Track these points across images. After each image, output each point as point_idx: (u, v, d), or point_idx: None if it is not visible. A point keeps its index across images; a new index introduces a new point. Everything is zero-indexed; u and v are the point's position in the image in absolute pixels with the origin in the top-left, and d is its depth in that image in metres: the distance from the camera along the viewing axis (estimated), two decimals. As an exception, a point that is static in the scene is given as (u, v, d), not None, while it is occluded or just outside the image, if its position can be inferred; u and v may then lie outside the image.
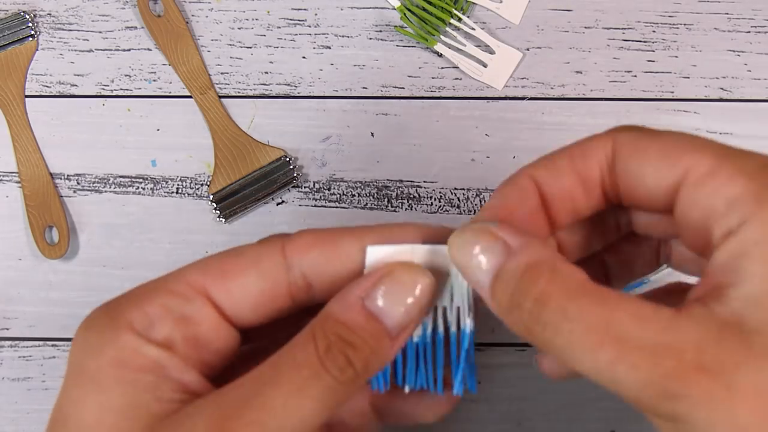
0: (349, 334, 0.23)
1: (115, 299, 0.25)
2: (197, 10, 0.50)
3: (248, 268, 0.25)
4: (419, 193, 0.48)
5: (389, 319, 0.24)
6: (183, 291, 0.25)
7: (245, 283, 0.25)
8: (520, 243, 0.23)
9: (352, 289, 0.24)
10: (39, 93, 0.49)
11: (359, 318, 0.24)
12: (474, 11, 0.49)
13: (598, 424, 0.45)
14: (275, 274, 0.25)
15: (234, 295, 0.25)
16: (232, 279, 0.25)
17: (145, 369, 0.23)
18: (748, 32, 0.49)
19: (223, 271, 0.25)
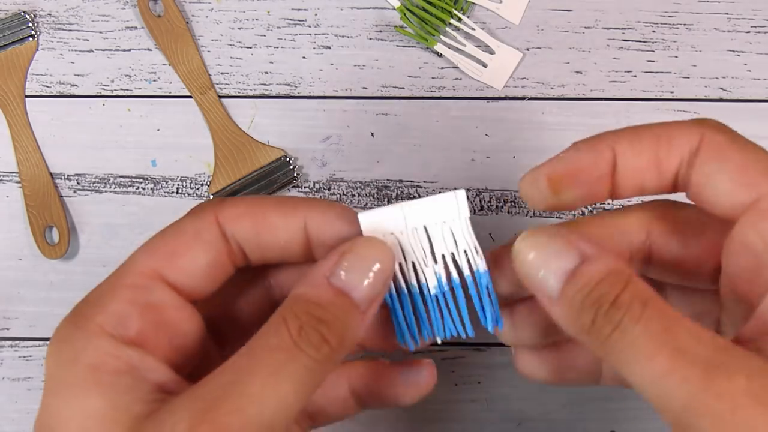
0: (319, 311, 0.24)
1: (77, 306, 0.25)
2: (197, 10, 0.50)
3: (192, 243, 0.26)
4: (419, 193, 0.48)
5: (356, 292, 0.25)
6: (140, 281, 0.25)
7: (193, 259, 0.26)
8: (595, 251, 0.24)
9: (318, 269, 0.25)
10: (39, 93, 0.49)
11: (327, 294, 0.24)
12: (474, 11, 0.49)
13: (598, 424, 0.45)
14: (216, 245, 0.26)
15: (186, 272, 0.26)
16: (180, 257, 0.26)
17: (120, 371, 0.23)
18: (748, 32, 0.49)
19: (171, 252, 0.26)
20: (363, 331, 0.25)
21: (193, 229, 0.26)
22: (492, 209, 0.47)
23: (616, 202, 0.47)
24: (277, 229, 0.27)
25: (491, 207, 0.47)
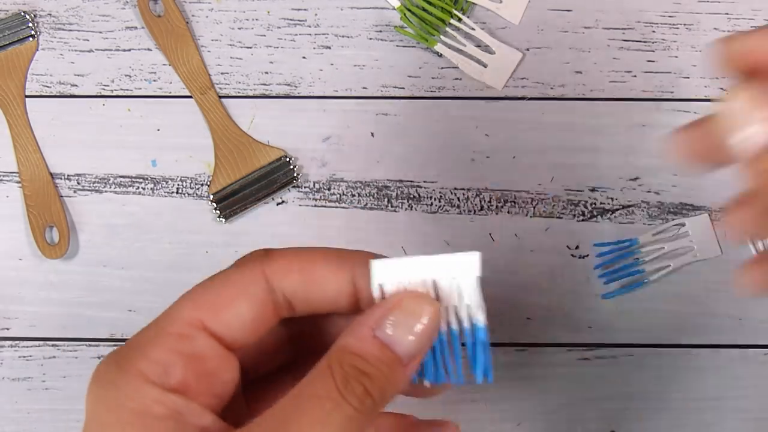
0: (364, 364, 0.24)
1: (120, 350, 0.26)
2: (197, 10, 0.50)
3: (238, 296, 0.26)
4: (419, 193, 0.48)
5: (400, 347, 0.25)
6: (184, 331, 0.26)
7: (238, 312, 0.26)
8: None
9: (364, 321, 0.25)
10: (39, 93, 0.49)
11: (372, 348, 0.25)
12: (474, 11, 0.49)
13: (598, 424, 0.45)
14: (262, 298, 0.26)
15: (230, 324, 0.26)
16: (225, 310, 0.26)
17: (165, 417, 0.24)
18: (748, 32, 0.49)
19: (216, 303, 0.26)
20: (404, 384, 0.26)
21: (239, 281, 0.27)
22: (492, 209, 0.47)
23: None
24: (325, 283, 0.27)
25: (491, 207, 0.47)
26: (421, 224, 0.47)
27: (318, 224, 0.47)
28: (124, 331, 0.47)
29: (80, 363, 0.47)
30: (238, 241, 0.47)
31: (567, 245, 0.47)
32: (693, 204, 0.47)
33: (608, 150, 0.48)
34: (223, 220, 0.47)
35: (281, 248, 0.27)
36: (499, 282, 0.47)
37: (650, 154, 0.47)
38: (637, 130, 0.48)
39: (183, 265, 0.47)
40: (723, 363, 0.46)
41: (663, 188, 0.47)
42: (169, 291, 0.48)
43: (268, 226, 0.48)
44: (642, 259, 0.46)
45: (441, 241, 0.47)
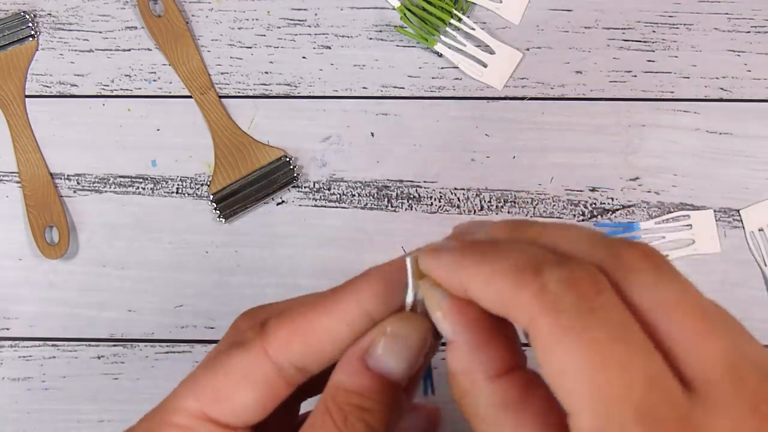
0: (361, 400, 0.24)
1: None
2: (197, 10, 0.50)
3: (241, 386, 0.25)
4: (419, 193, 0.48)
5: (396, 373, 0.24)
6: (187, 423, 0.25)
7: (242, 400, 0.25)
8: (464, 339, 0.23)
9: (352, 352, 0.24)
10: (39, 93, 0.49)
11: (367, 381, 0.24)
12: (474, 11, 0.49)
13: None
14: (269, 380, 0.25)
15: (235, 412, 0.25)
16: (228, 400, 0.25)
17: None
18: (748, 32, 0.49)
19: (218, 393, 0.25)
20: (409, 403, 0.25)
21: (240, 368, 0.25)
22: (492, 209, 0.47)
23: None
24: (333, 332, 0.25)
25: (491, 207, 0.47)
26: (421, 224, 0.47)
27: (318, 224, 0.47)
28: (123, 331, 0.47)
29: (80, 363, 0.47)
30: (238, 241, 0.47)
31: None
32: (693, 204, 0.47)
33: (608, 150, 0.48)
34: (223, 220, 0.47)
35: (276, 317, 0.26)
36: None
37: (650, 154, 0.47)
38: (637, 130, 0.48)
39: (183, 265, 0.47)
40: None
41: (663, 188, 0.47)
42: (169, 291, 0.49)
43: (268, 226, 0.48)
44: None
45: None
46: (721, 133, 0.48)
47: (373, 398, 0.24)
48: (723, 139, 0.48)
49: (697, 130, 0.48)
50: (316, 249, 0.47)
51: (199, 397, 0.25)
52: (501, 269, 0.21)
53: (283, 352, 0.25)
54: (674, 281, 0.20)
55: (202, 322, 0.47)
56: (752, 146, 0.48)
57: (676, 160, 0.47)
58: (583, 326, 0.19)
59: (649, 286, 0.20)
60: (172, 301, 0.47)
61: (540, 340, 0.20)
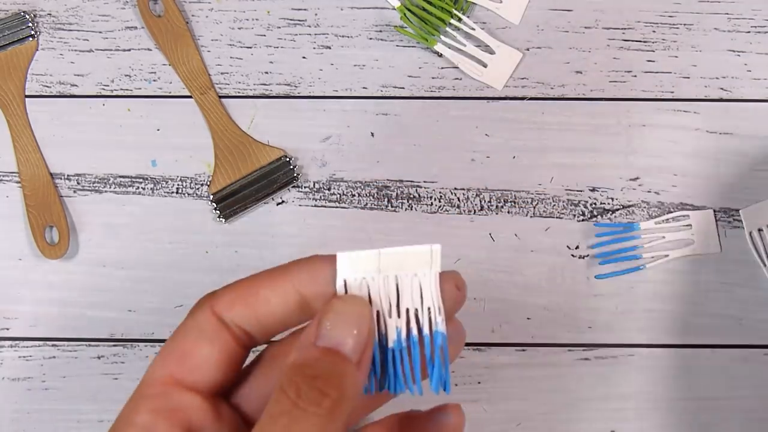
0: (312, 369, 0.25)
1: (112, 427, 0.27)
2: (197, 10, 0.50)
3: (197, 342, 0.27)
4: (419, 193, 0.48)
5: (345, 347, 0.25)
6: (159, 390, 0.27)
7: (202, 356, 0.27)
8: None
9: (304, 336, 0.26)
10: (39, 93, 0.49)
11: (316, 353, 0.25)
12: (474, 11, 0.49)
13: (598, 424, 0.45)
14: (219, 336, 0.27)
15: (198, 370, 0.27)
16: (189, 358, 0.27)
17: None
18: (748, 32, 0.49)
19: (179, 355, 0.27)
20: (362, 381, 0.26)
21: (194, 327, 0.27)
22: (492, 209, 0.47)
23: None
24: (270, 303, 0.27)
25: (491, 207, 0.47)
26: (421, 224, 0.47)
27: (318, 224, 0.47)
28: (123, 331, 0.47)
29: (80, 363, 0.47)
30: (238, 241, 0.47)
31: (567, 245, 0.47)
32: (693, 204, 0.47)
33: (608, 150, 0.48)
34: (223, 220, 0.47)
35: (227, 285, 0.28)
36: (499, 282, 0.47)
37: (650, 154, 0.48)
38: (637, 130, 0.48)
39: (183, 265, 0.47)
40: (723, 363, 0.46)
41: (663, 188, 0.47)
42: (169, 291, 0.49)
43: (268, 226, 0.48)
44: (641, 245, 0.46)
45: (441, 241, 0.47)
46: (721, 133, 0.48)
47: (324, 366, 0.25)
48: (723, 139, 0.48)
49: (697, 130, 0.48)
50: (316, 249, 0.47)
51: (165, 363, 0.27)
52: None
53: (227, 312, 0.27)
54: None
55: (202, 322, 0.47)
56: (752, 146, 0.48)
57: (676, 160, 0.47)
58: None
59: None
60: (172, 301, 0.47)
61: None
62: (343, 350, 0.25)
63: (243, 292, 0.27)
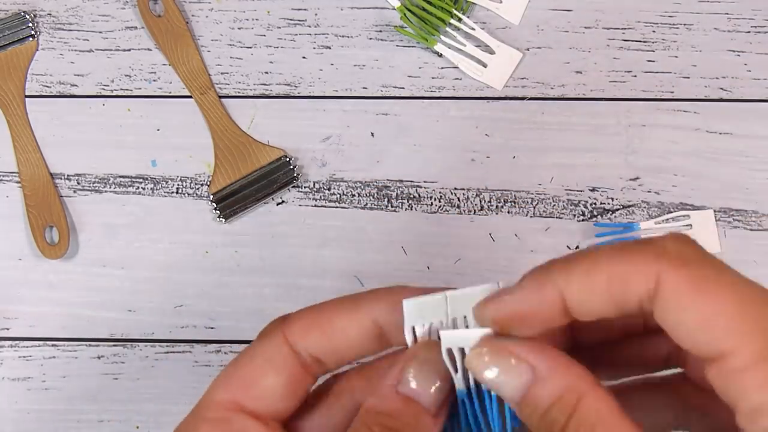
0: (390, 420, 0.24)
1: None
2: (197, 10, 0.50)
3: (264, 369, 0.27)
4: (419, 193, 0.48)
5: (425, 398, 0.25)
6: (220, 415, 0.26)
7: (268, 385, 0.26)
8: (547, 366, 0.23)
9: (384, 380, 0.25)
10: (39, 93, 0.49)
11: (396, 404, 0.25)
12: (474, 11, 0.49)
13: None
14: (289, 365, 0.27)
15: (263, 398, 0.26)
16: (255, 386, 0.26)
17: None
18: (748, 32, 0.49)
19: (245, 381, 0.27)
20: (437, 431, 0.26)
21: (263, 354, 0.27)
22: (492, 209, 0.47)
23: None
24: (346, 333, 0.27)
25: (491, 207, 0.47)
26: (421, 224, 0.47)
27: (318, 224, 0.47)
28: (123, 331, 0.47)
29: (80, 363, 0.47)
30: (238, 241, 0.47)
31: (567, 245, 0.47)
32: (693, 204, 0.47)
33: (608, 150, 0.48)
34: (223, 220, 0.47)
35: (299, 310, 0.27)
36: (499, 282, 0.47)
37: (650, 154, 0.47)
38: (637, 130, 0.48)
39: (183, 265, 0.47)
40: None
41: (663, 188, 0.47)
42: (169, 291, 0.49)
43: (268, 226, 0.48)
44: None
45: (441, 241, 0.47)
46: (721, 133, 0.48)
47: (402, 420, 0.24)
48: (723, 139, 0.48)
49: (697, 130, 0.48)
50: (316, 249, 0.47)
51: (228, 388, 0.26)
52: (603, 254, 0.22)
53: (301, 340, 0.27)
54: None
55: (202, 322, 0.47)
56: (752, 146, 0.48)
57: (676, 160, 0.47)
58: (716, 273, 0.21)
59: None
60: (172, 301, 0.47)
61: (675, 293, 0.21)
62: (424, 401, 0.25)
63: (318, 319, 0.27)
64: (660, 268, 0.21)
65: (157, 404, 0.46)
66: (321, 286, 0.47)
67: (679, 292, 0.21)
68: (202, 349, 0.47)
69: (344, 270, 0.47)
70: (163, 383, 0.46)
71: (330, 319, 0.27)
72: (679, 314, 0.21)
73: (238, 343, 0.46)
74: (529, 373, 0.23)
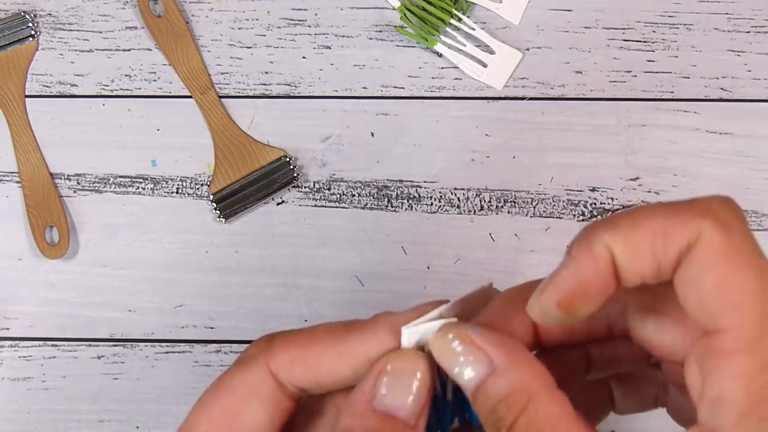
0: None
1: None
2: (197, 10, 0.50)
3: (247, 401, 0.25)
4: (419, 193, 0.48)
5: (402, 411, 0.24)
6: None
7: (251, 417, 0.25)
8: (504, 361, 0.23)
9: (358, 395, 0.24)
10: (39, 93, 0.49)
11: (373, 422, 0.24)
12: (474, 11, 0.49)
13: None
14: (272, 396, 0.25)
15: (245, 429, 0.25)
16: (236, 418, 0.25)
17: None
18: (748, 32, 0.49)
19: (227, 413, 0.25)
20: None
21: (245, 384, 0.25)
22: (492, 209, 0.47)
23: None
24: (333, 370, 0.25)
25: (491, 207, 0.47)
26: (421, 224, 0.47)
27: (318, 224, 0.47)
28: (123, 331, 0.47)
29: (80, 363, 0.47)
30: (238, 241, 0.47)
31: (567, 245, 0.47)
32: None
33: (608, 150, 0.48)
34: (223, 220, 0.47)
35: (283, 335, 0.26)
36: (499, 282, 0.47)
37: (650, 154, 0.48)
38: (637, 130, 0.48)
39: (183, 265, 0.47)
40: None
41: (663, 188, 0.47)
42: (169, 291, 0.49)
43: (268, 226, 0.48)
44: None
45: (441, 241, 0.47)
46: (721, 133, 0.48)
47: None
48: (723, 139, 0.48)
49: (697, 130, 0.48)
50: (316, 249, 0.47)
51: (210, 419, 0.25)
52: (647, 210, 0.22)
53: (284, 371, 0.25)
54: None
55: (202, 322, 0.47)
56: (752, 146, 0.48)
57: (676, 160, 0.47)
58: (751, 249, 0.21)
59: None
60: (172, 301, 0.47)
61: (707, 253, 0.21)
62: (402, 415, 0.24)
63: (304, 354, 0.25)
64: (703, 224, 0.21)
65: (157, 404, 0.46)
66: (321, 286, 0.47)
67: (712, 252, 0.21)
68: (202, 349, 0.47)
69: (344, 270, 0.47)
70: (163, 383, 0.46)
71: (316, 355, 0.25)
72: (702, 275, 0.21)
73: (238, 343, 0.47)
74: (485, 365, 0.23)
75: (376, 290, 0.47)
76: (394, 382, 0.24)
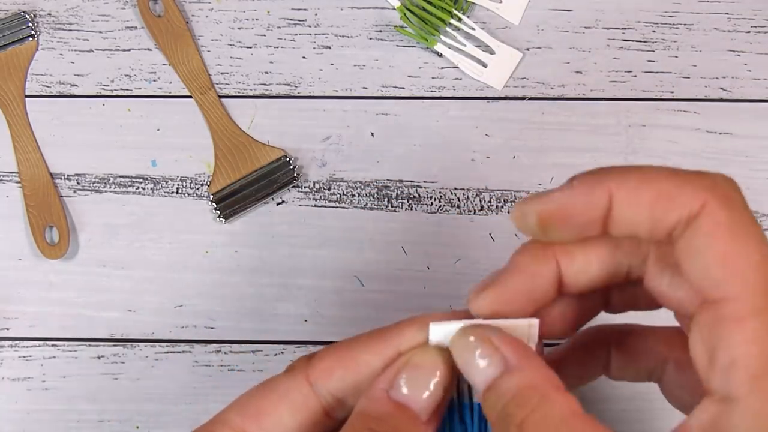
0: (379, 425, 0.24)
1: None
2: (197, 10, 0.50)
3: (279, 403, 0.26)
4: (419, 193, 0.48)
5: (416, 404, 0.25)
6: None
7: (280, 419, 0.26)
8: (517, 361, 0.24)
9: (376, 384, 0.25)
10: (39, 93, 0.49)
11: (387, 408, 0.24)
12: (474, 11, 0.49)
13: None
14: (307, 403, 0.26)
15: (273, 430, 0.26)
16: (266, 417, 0.26)
17: None
18: (748, 32, 0.49)
19: (259, 411, 0.26)
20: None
21: (282, 388, 0.27)
22: (492, 209, 0.47)
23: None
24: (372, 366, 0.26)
25: (491, 207, 0.47)
26: (421, 224, 0.47)
27: (318, 224, 0.47)
28: (123, 331, 0.47)
29: (80, 363, 0.47)
30: (238, 241, 0.47)
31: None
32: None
33: (608, 150, 0.48)
34: (223, 220, 0.47)
35: (323, 349, 0.27)
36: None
37: (650, 154, 0.48)
38: (637, 130, 0.48)
39: (183, 265, 0.47)
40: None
41: (663, 188, 0.47)
42: (169, 291, 0.49)
43: (268, 226, 0.48)
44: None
45: (441, 241, 0.47)
46: (721, 133, 0.48)
47: (392, 424, 0.24)
48: (723, 139, 0.48)
49: (697, 130, 0.48)
50: (316, 249, 0.47)
51: (242, 412, 0.26)
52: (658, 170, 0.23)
53: (324, 380, 0.26)
54: None
55: (202, 322, 0.47)
56: (752, 146, 0.48)
57: (676, 160, 0.47)
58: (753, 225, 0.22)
59: None
60: (172, 301, 0.47)
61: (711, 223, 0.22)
62: (415, 408, 0.25)
63: (342, 358, 0.26)
64: (707, 197, 0.22)
65: (157, 404, 0.46)
66: (321, 286, 0.47)
67: (716, 223, 0.22)
68: (202, 349, 0.47)
69: (344, 270, 0.47)
70: (163, 383, 0.46)
71: (354, 356, 0.26)
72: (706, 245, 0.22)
73: (238, 343, 0.47)
74: (500, 365, 0.24)
75: (376, 290, 0.47)
76: (413, 376, 0.25)
